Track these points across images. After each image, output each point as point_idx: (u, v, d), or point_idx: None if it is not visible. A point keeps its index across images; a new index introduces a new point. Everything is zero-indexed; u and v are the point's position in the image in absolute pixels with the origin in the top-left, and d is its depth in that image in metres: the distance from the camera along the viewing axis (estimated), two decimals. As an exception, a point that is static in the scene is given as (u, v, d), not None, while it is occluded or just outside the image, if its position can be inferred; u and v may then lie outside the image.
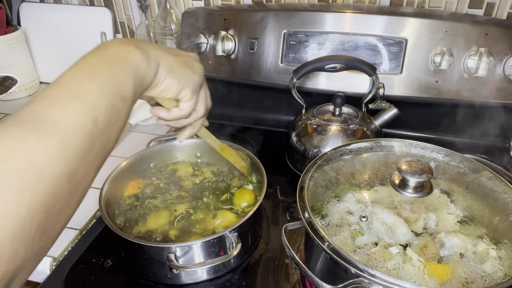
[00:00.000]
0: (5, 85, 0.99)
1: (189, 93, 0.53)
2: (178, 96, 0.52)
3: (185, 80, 0.51)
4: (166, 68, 0.48)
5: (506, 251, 0.57)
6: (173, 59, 0.50)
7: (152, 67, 0.46)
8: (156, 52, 0.48)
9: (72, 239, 0.81)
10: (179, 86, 0.51)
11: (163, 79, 0.49)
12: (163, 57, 0.48)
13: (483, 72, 0.90)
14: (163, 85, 0.49)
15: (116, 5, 1.32)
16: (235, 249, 0.68)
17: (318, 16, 0.99)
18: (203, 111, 0.59)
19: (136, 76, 0.43)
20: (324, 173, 0.70)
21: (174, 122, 0.58)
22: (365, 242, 0.59)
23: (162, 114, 0.56)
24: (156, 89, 0.49)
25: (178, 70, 0.50)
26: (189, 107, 0.55)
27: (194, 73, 0.53)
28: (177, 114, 0.55)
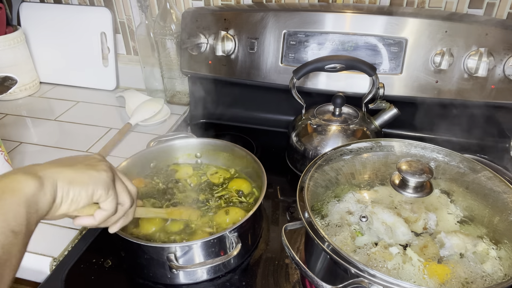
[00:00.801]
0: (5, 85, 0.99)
1: (102, 192, 0.51)
2: (93, 199, 0.51)
3: (92, 182, 0.50)
4: (66, 182, 0.47)
5: (506, 251, 0.57)
6: (70, 170, 0.49)
7: (46, 191, 0.45)
8: (51, 170, 0.47)
9: (72, 239, 0.81)
10: (88, 191, 0.49)
11: (66, 193, 0.47)
12: (58, 173, 0.47)
13: (483, 72, 0.90)
14: (69, 199, 0.48)
15: (116, 5, 1.32)
16: (235, 249, 0.68)
17: (318, 16, 0.99)
18: (129, 201, 0.56)
19: (28, 204, 0.42)
20: (324, 173, 0.70)
21: (105, 223, 0.56)
22: (365, 242, 0.59)
23: (89, 221, 0.53)
24: (64, 205, 0.48)
25: (79, 177, 0.49)
26: (111, 204, 0.53)
27: (99, 172, 0.51)
28: (102, 215, 0.53)
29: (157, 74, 1.28)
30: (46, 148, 1.11)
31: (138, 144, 1.07)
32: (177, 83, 1.27)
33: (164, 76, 1.26)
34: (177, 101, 1.30)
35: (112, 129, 1.18)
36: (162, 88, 1.30)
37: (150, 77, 1.30)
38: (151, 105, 1.21)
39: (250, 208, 0.77)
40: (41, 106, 1.33)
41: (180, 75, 1.24)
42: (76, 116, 1.26)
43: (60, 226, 0.84)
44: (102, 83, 1.40)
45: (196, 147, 0.94)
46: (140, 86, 1.36)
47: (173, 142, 0.93)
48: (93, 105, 1.32)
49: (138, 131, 1.18)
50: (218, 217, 0.78)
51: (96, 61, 1.38)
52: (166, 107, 1.25)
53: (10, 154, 1.07)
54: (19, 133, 1.18)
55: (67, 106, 1.32)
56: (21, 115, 1.28)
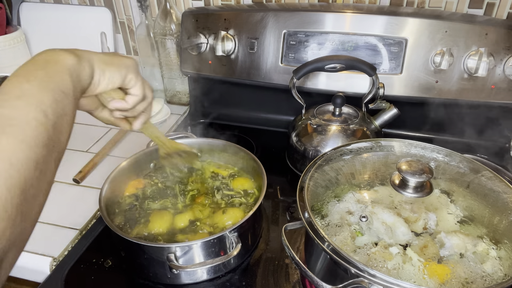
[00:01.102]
0: (5, 85, 1.00)
1: (133, 75, 0.56)
2: (125, 82, 0.56)
3: (124, 66, 0.55)
4: (101, 63, 0.52)
5: (506, 251, 0.57)
6: (103, 55, 0.54)
7: (85, 65, 0.49)
8: (87, 53, 0.51)
9: (72, 239, 0.81)
10: (121, 73, 0.55)
11: (103, 73, 0.52)
12: (93, 55, 0.52)
13: (483, 72, 0.90)
14: (106, 78, 0.53)
15: (116, 5, 1.32)
16: (235, 249, 0.68)
17: (318, 16, 0.99)
18: (151, 94, 0.63)
19: (71, 74, 0.46)
20: (324, 173, 0.70)
21: (132, 110, 0.61)
22: (365, 242, 0.59)
23: (122, 104, 0.59)
24: (101, 84, 0.53)
25: (113, 61, 0.54)
26: (140, 89, 0.59)
27: (129, 59, 0.57)
28: (134, 99, 0.59)
29: (157, 74, 1.28)
30: (46, 148, 1.10)
31: (138, 144, 1.07)
32: (177, 83, 1.27)
33: (164, 76, 1.26)
34: (177, 101, 1.30)
35: (112, 129, 1.18)
36: (162, 88, 1.30)
37: (150, 77, 1.30)
38: (151, 105, 1.21)
39: (250, 208, 0.77)
40: (41, 106, 1.33)
41: (180, 75, 1.24)
42: (76, 116, 1.25)
43: (60, 226, 0.84)
44: (102, 83, 1.40)
45: (196, 147, 0.94)
46: (140, 86, 1.36)
47: (173, 142, 0.93)
48: (93, 105, 1.32)
49: (138, 131, 1.17)
50: (216, 216, 0.77)
51: (96, 61, 1.38)
52: (166, 107, 1.25)
53: (10, 154, 1.06)
54: (19, 133, 1.18)
55: (67, 106, 1.32)
56: (21, 115, 1.28)
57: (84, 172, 0.97)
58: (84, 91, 0.50)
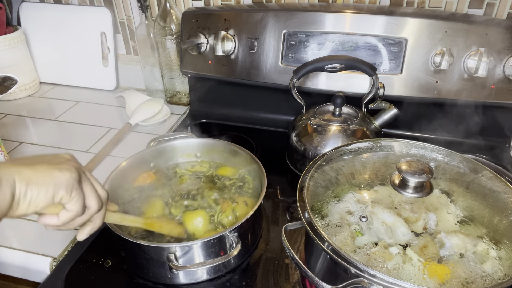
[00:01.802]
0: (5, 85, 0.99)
1: (64, 193, 0.49)
2: (54, 202, 0.49)
3: (52, 183, 0.48)
4: (23, 182, 0.46)
5: (506, 251, 0.57)
6: (29, 170, 0.47)
7: (5, 188, 0.44)
8: (9, 170, 0.45)
9: (72, 239, 0.81)
10: (48, 193, 0.47)
11: (24, 194, 0.46)
12: (17, 173, 0.46)
13: (483, 72, 0.90)
14: (27, 200, 0.46)
15: (116, 5, 1.32)
16: (235, 249, 0.68)
17: (318, 16, 0.99)
18: (96, 205, 0.54)
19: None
20: (324, 173, 0.70)
21: (69, 224, 0.53)
22: (365, 242, 0.59)
23: (52, 221, 0.51)
24: (21, 207, 0.46)
25: (39, 178, 0.47)
26: (75, 205, 0.51)
27: (62, 172, 0.49)
28: (66, 216, 0.51)
29: (157, 74, 1.28)
30: (46, 148, 1.11)
31: (138, 144, 1.07)
32: (177, 83, 1.27)
33: (164, 76, 1.26)
34: (177, 101, 1.30)
35: (112, 129, 1.18)
36: (162, 88, 1.30)
37: (150, 77, 1.30)
38: (151, 105, 1.21)
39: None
40: (41, 106, 1.33)
41: (180, 75, 1.24)
42: (76, 116, 1.26)
43: (60, 226, 0.84)
44: (102, 83, 1.40)
45: (196, 147, 0.94)
46: (140, 86, 1.36)
47: (173, 142, 0.93)
48: (93, 105, 1.32)
49: (138, 131, 1.18)
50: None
51: (96, 61, 1.38)
52: (166, 107, 1.25)
53: (10, 154, 1.07)
54: (19, 133, 1.18)
55: (67, 106, 1.32)
56: (21, 115, 1.28)
57: (84, 172, 0.97)
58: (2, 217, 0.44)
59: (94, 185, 0.55)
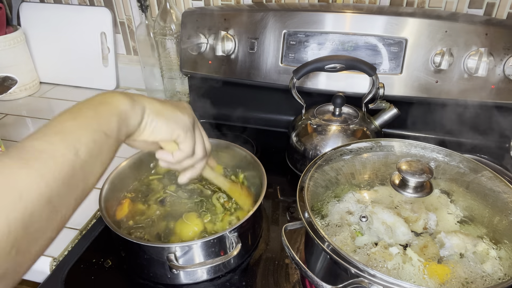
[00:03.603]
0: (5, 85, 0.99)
1: (181, 133, 0.55)
2: (171, 137, 0.55)
3: (174, 121, 0.54)
4: (153, 111, 0.52)
5: (506, 251, 0.57)
6: (159, 104, 0.53)
7: (137, 110, 0.50)
8: (143, 99, 0.51)
9: (72, 239, 0.81)
10: (169, 127, 0.54)
11: (150, 121, 0.52)
12: (149, 103, 0.52)
13: (483, 72, 0.90)
14: (151, 127, 0.52)
15: (116, 5, 1.32)
16: (235, 249, 0.68)
17: (318, 16, 0.99)
18: (202, 153, 0.61)
19: (120, 116, 0.47)
20: (324, 173, 0.70)
21: (178, 164, 0.60)
22: (365, 242, 0.59)
23: (167, 157, 0.58)
24: (146, 131, 0.52)
25: (165, 113, 0.53)
26: (188, 147, 0.57)
27: (183, 114, 0.56)
28: (180, 156, 0.58)
29: (157, 74, 1.28)
30: (46, 148, 1.10)
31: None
32: (177, 83, 1.27)
33: (164, 76, 1.26)
34: (177, 101, 1.30)
35: (112, 129, 1.18)
36: (162, 88, 1.30)
37: (150, 77, 1.30)
38: (151, 105, 1.21)
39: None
40: (41, 106, 1.33)
41: (180, 75, 1.24)
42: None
43: (60, 226, 0.84)
44: (102, 83, 1.40)
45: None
46: (140, 86, 1.36)
47: (173, 142, 0.93)
48: (93, 105, 1.32)
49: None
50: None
51: (96, 61, 1.38)
52: (166, 107, 1.25)
53: (10, 154, 1.06)
54: (19, 133, 1.18)
55: (67, 106, 1.31)
56: (21, 115, 1.28)
57: (84, 172, 0.97)
58: (129, 136, 0.50)
59: (204, 136, 0.62)
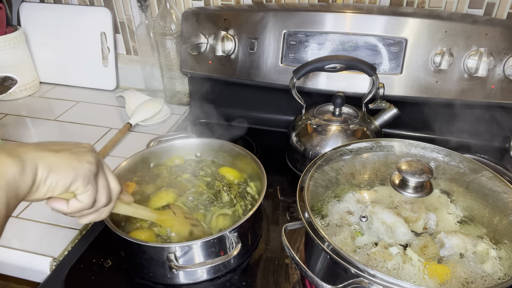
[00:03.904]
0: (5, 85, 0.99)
1: (80, 185, 0.50)
2: (69, 191, 0.50)
3: (71, 173, 0.48)
4: (46, 168, 0.46)
5: (506, 251, 0.57)
6: (53, 157, 0.48)
7: (28, 173, 0.44)
8: (34, 154, 0.46)
9: (72, 239, 0.81)
10: (66, 181, 0.48)
11: (44, 180, 0.46)
12: (41, 158, 0.46)
13: (483, 72, 0.90)
14: (46, 186, 0.47)
15: (116, 5, 1.32)
16: (235, 249, 0.68)
17: (318, 16, 0.99)
18: (105, 199, 0.55)
19: (8, 189, 0.42)
20: (324, 173, 0.70)
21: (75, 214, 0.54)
22: (365, 242, 0.59)
23: (61, 207, 0.51)
24: (39, 192, 0.47)
25: (60, 167, 0.48)
26: (88, 198, 0.52)
27: (81, 163, 0.50)
28: (76, 206, 0.51)
29: (157, 74, 1.28)
30: (46, 148, 1.10)
31: (138, 144, 1.07)
32: (177, 83, 1.27)
33: (164, 76, 1.26)
34: (177, 101, 1.30)
35: (112, 129, 1.18)
36: (162, 88, 1.30)
37: (150, 77, 1.30)
38: (151, 105, 1.21)
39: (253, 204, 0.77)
40: (41, 106, 1.33)
41: (180, 75, 1.24)
42: (76, 116, 1.26)
43: (60, 226, 0.84)
44: (102, 83, 1.40)
45: (196, 147, 0.94)
46: (140, 86, 1.36)
47: (173, 142, 0.93)
48: (93, 105, 1.32)
49: (138, 131, 1.18)
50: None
51: (96, 61, 1.38)
52: (166, 107, 1.25)
53: (10, 154, 1.06)
54: (19, 133, 1.18)
55: (67, 106, 1.32)
56: (21, 115, 1.28)
57: (84, 172, 0.97)
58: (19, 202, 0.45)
59: (109, 179, 0.56)
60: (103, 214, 0.57)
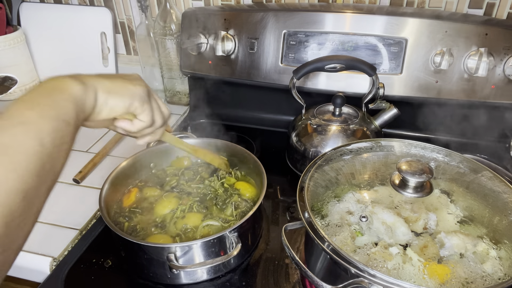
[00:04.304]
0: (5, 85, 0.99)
1: (138, 104, 0.56)
2: (129, 111, 0.55)
3: (128, 95, 0.54)
4: (104, 91, 0.52)
5: (506, 251, 0.57)
6: (109, 82, 0.53)
7: (90, 93, 0.49)
8: (92, 80, 0.51)
9: (72, 239, 0.81)
10: (124, 102, 0.54)
11: (105, 102, 0.52)
12: (99, 83, 0.51)
13: (483, 72, 0.90)
14: (107, 106, 0.52)
15: (116, 5, 1.32)
16: (235, 249, 0.68)
17: (318, 16, 0.99)
18: (161, 120, 0.62)
19: (75, 103, 0.46)
20: (324, 173, 0.70)
21: (137, 132, 0.61)
22: (365, 242, 0.59)
23: (127, 126, 0.59)
24: (103, 112, 0.52)
25: (117, 89, 0.53)
26: (147, 116, 0.59)
27: (135, 86, 0.56)
28: (140, 125, 0.59)
29: (157, 74, 1.28)
30: (46, 148, 1.10)
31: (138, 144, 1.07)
32: (177, 83, 1.27)
33: (164, 76, 1.26)
34: (177, 101, 1.30)
35: (112, 129, 1.18)
36: (162, 88, 1.30)
37: (150, 77, 1.30)
38: (151, 105, 1.21)
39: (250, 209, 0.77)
40: (41, 106, 1.33)
41: (180, 75, 1.24)
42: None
43: (60, 226, 0.84)
44: (102, 83, 1.40)
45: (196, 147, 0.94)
46: (140, 86, 1.36)
47: (173, 142, 0.93)
48: (93, 105, 1.32)
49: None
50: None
51: (96, 61, 1.38)
52: (166, 107, 1.25)
53: (10, 154, 1.06)
54: (19, 133, 1.18)
55: (67, 106, 1.31)
56: (21, 115, 1.28)
57: (84, 172, 0.97)
58: (86, 119, 0.51)
59: (159, 104, 0.62)
60: (157, 135, 0.65)
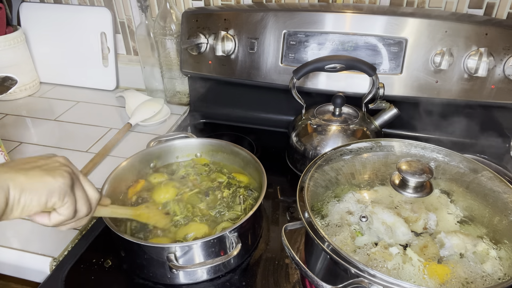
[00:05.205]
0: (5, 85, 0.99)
1: (56, 200, 0.50)
2: (47, 207, 0.50)
3: (45, 190, 0.49)
4: (18, 189, 0.46)
5: (506, 251, 0.57)
6: (24, 176, 0.48)
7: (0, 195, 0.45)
8: (4, 176, 0.46)
9: (72, 239, 0.81)
10: (40, 199, 0.48)
11: (17, 200, 0.47)
12: (11, 179, 0.46)
13: (483, 72, 0.90)
14: (20, 206, 0.47)
15: (116, 5, 1.32)
16: (235, 249, 0.68)
17: (318, 16, 0.99)
18: (86, 209, 0.55)
19: None
20: (324, 173, 0.70)
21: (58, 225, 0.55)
22: (365, 242, 0.59)
23: (44, 221, 0.53)
24: (15, 211, 0.47)
25: (32, 185, 0.48)
26: (67, 210, 0.52)
27: (55, 178, 0.50)
28: (57, 219, 0.53)
29: (157, 74, 1.28)
30: (46, 148, 1.11)
31: (138, 144, 1.07)
32: (177, 83, 1.27)
33: (164, 76, 1.26)
34: (177, 101, 1.30)
35: (112, 129, 1.18)
36: (162, 88, 1.30)
37: (150, 77, 1.30)
38: (151, 105, 1.21)
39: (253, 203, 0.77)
40: (41, 106, 1.33)
41: (180, 75, 1.24)
42: (76, 116, 1.26)
43: (60, 226, 0.84)
44: (102, 83, 1.40)
45: (196, 147, 0.94)
46: (140, 86, 1.36)
47: (173, 142, 0.93)
48: (93, 105, 1.32)
49: (138, 131, 1.18)
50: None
51: (96, 61, 1.38)
52: (166, 107, 1.25)
53: (10, 154, 1.07)
54: (19, 133, 1.18)
55: (67, 106, 1.32)
56: (21, 115, 1.28)
57: (84, 172, 0.97)
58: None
59: (86, 189, 0.56)
60: (83, 222, 0.58)
